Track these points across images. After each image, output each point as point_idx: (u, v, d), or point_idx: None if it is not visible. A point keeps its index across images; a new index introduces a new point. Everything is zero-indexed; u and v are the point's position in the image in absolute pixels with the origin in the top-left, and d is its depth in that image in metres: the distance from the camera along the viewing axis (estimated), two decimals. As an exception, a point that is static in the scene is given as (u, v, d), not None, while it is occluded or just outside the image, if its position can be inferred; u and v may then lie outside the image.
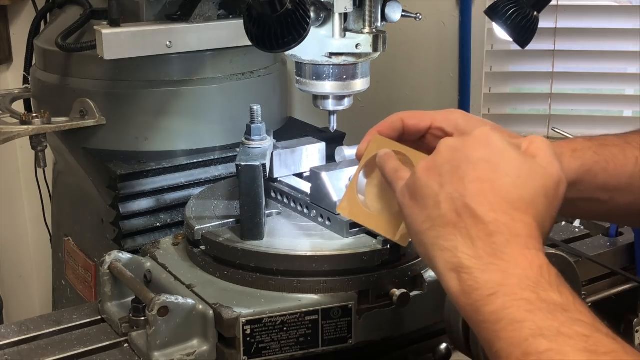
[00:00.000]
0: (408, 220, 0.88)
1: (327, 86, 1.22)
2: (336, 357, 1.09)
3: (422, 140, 1.05)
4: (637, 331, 1.35)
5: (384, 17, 1.20)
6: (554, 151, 0.88)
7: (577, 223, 1.47)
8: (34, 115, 1.52)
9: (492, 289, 0.76)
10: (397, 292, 1.08)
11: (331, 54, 1.18)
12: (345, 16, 1.17)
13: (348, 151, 1.25)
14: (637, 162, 1.02)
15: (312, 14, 1.11)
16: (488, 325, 0.76)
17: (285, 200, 1.25)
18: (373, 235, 1.12)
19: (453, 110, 1.06)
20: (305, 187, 1.23)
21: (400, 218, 0.98)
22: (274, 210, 1.22)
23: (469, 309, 0.78)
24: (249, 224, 1.12)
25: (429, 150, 1.02)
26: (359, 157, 1.05)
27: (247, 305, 1.04)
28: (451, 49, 2.27)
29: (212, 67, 1.57)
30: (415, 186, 0.87)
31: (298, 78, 1.24)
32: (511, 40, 1.21)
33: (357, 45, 1.17)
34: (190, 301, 1.04)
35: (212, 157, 1.55)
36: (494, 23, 1.21)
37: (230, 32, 1.52)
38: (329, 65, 1.19)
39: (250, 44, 1.05)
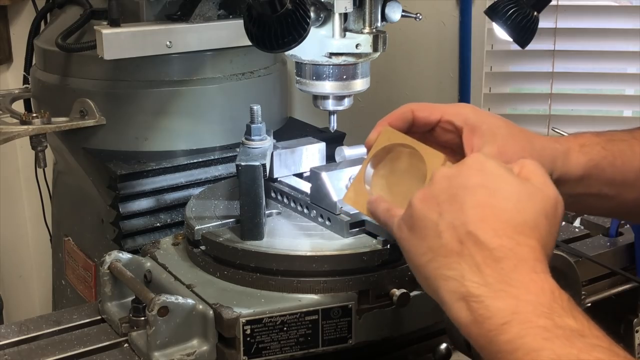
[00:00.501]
0: (407, 255, 0.86)
1: (327, 86, 1.22)
2: (336, 357, 1.08)
3: (430, 133, 1.05)
4: (637, 331, 1.35)
5: (384, 17, 1.20)
6: (546, 172, 0.87)
7: (577, 223, 1.47)
8: (34, 115, 1.52)
9: (506, 317, 0.74)
10: (397, 292, 1.07)
11: (331, 54, 1.18)
12: (345, 16, 1.17)
13: (348, 151, 1.26)
14: None
15: (312, 14, 1.11)
16: (504, 355, 0.73)
17: (285, 200, 1.25)
18: (373, 235, 1.12)
19: (463, 105, 1.05)
20: (305, 187, 1.23)
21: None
22: (274, 210, 1.22)
23: (481, 340, 0.76)
24: (249, 224, 1.11)
25: (437, 143, 1.02)
26: (368, 147, 1.04)
27: (247, 305, 1.04)
28: (451, 49, 2.27)
29: (212, 67, 1.57)
30: (413, 218, 0.85)
31: (298, 78, 1.24)
32: (511, 40, 1.21)
33: (357, 45, 1.17)
34: (190, 301, 1.04)
35: (212, 157, 1.55)
36: (494, 23, 1.21)
37: (230, 32, 1.52)
38: (329, 65, 1.19)
39: (250, 44, 1.05)
